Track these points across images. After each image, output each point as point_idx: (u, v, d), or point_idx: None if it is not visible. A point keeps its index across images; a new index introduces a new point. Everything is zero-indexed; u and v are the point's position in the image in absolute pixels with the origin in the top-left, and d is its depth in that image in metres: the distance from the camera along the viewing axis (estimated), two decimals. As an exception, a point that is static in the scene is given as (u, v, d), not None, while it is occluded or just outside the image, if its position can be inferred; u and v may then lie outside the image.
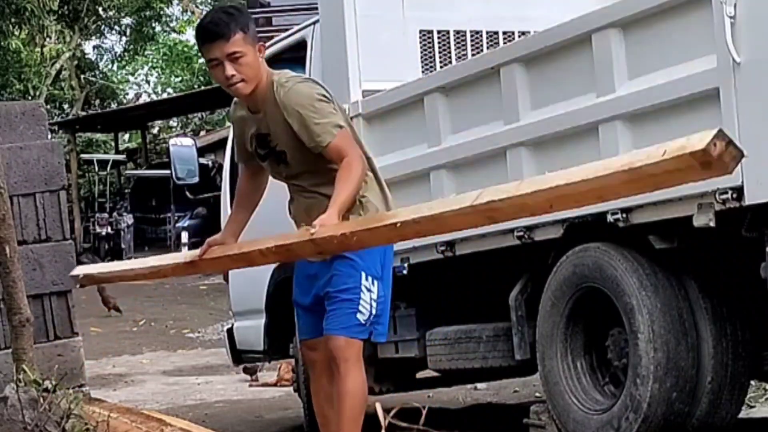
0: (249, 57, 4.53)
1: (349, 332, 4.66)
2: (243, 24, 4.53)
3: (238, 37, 4.49)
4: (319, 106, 4.50)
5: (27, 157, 6.79)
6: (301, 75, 4.70)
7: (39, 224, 6.77)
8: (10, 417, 4.93)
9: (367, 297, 4.69)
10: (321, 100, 4.52)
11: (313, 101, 4.50)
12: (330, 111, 4.51)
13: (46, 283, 6.76)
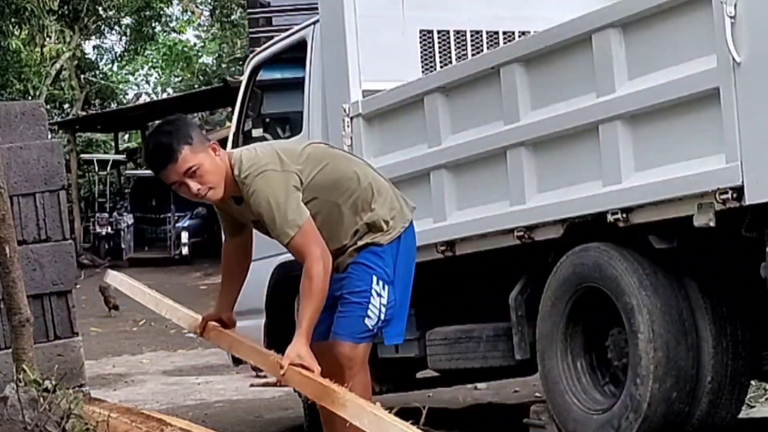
0: (206, 164, 4.52)
1: (355, 338, 4.68)
2: (185, 137, 4.51)
3: (186, 153, 4.47)
4: (276, 206, 4.49)
5: (27, 157, 6.79)
6: (257, 157, 4.60)
7: (39, 224, 6.77)
8: (10, 417, 4.93)
9: (377, 302, 4.70)
10: (278, 198, 4.50)
11: (271, 202, 4.50)
12: (287, 209, 4.49)
13: (46, 283, 6.76)
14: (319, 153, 4.76)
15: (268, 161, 4.55)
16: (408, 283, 4.87)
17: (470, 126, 6.07)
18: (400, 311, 4.82)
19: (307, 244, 4.50)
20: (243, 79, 8.62)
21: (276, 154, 4.59)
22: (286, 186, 4.52)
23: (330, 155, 4.79)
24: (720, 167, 4.67)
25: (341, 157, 4.89)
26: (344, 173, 4.72)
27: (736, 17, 4.55)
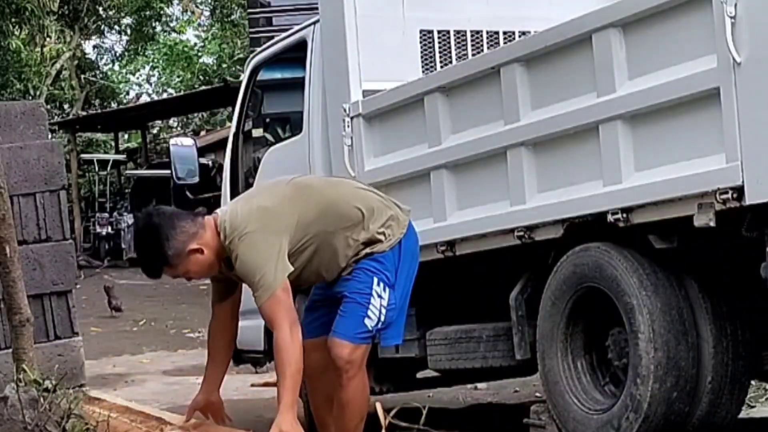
0: (192, 265, 4.70)
1: (355, 339, 4.68)
2: (162, 258, 4.64)
3: (169, 270, 4.69)
4: (255, 268, 4.59)
5: (27, 157, 6.79)
6: (239, 220, 4.70)
7: (39, 224, 6.78)
8: (11, 417, 4.93)
9: (377, 303, 4.72)
10: (257, 261, 4.59)
11: (250, 265, 4.60)
12: (264, 272, 4.57)
13: (46, 283, 6.76)
14: (300, 189, 4.82)
15: (248, 223, 4.63)
16: (408, 287, 4.88)
17: (470, 126, 6.06)
18: (399, 314, 4.82)
19: (277, 311, 4.59)
20: (243, 79, 8.62)
21: (258, 212, 4.66)
22: (266, 248, 4.58)
23: (312, 188, 4.89)
24: (720, 167, 4.67)
25: (323, 185, 4.99)
26: (330, 201, 4.79)
27: (736, 17, 4.55)
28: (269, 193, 4.93)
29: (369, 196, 4.87)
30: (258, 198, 4.91)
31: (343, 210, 4.75)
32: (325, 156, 7.20)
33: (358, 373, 4.74)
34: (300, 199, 4.73)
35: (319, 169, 7.28)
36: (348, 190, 4.87)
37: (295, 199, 4.73)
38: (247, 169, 8.44)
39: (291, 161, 7.61)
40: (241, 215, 4.66)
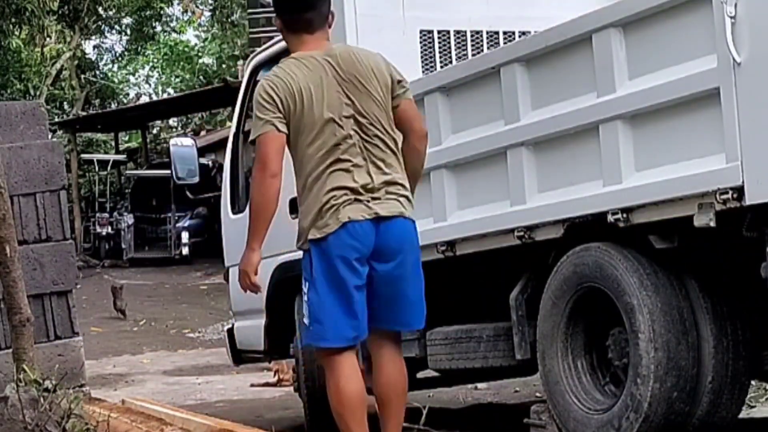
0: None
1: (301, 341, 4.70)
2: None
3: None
4: (254, 111, 4.65)
5: (27, 157, 6.80)
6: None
7: (39, 224, 6.78)
8: (11, 417, 4.93)
9: (304, 301, 4.71)
10: (256, 105, 4.65)
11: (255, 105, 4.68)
12: (257, 116, 4.61)
13: (46, 283, 6.77)
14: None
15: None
16: (322, 281, 4.62)
17: (470, 126, 6.06)
18: (321, 311, 4.63)
19: (259, 154, 4.65)
20: (243, 79, 8.62)
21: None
22: (266, 93, 4.69)
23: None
24: (720, 167, 4.67)
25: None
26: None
27: (736, 17, 4.55)
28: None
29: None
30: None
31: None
32: (325, 156, 7.19)
33: (327, 374, 4.70)
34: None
35: (319, 169, 7.27)
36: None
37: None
38: (247, 169, 8.43)
39: (291, 161, 7.60)
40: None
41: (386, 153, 4.65)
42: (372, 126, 4.63)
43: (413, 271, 4.72)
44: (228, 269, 8.63)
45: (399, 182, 4.67)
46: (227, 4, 31.57)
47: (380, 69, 4.72)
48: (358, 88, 4.66)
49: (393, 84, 4.71)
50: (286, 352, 7.84)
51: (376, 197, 4.61)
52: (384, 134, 4.64)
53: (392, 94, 4.70)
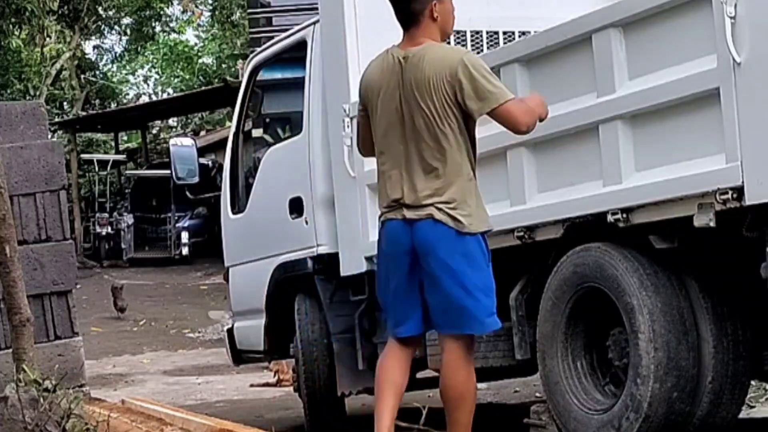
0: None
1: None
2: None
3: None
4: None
5: (27, 157, 6.80)
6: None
7: (39, 224, 6.79)
8: (11, 417, 4.93)
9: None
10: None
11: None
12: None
13: (46, 283, 6.77)
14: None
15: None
16: (382, 278, 4.86)
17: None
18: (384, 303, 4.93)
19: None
20: (243, 79, 8.62)
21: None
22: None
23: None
24: (720, 167, 4.67)
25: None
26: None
27: (736, 17, 4.55)
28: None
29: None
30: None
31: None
32: (325, 156, 7.20)
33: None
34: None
35: (319, 169, 7.28)
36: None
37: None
38: (247, 169, 8.44)
39: (291, 161, 7.62)
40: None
41: (426, 167, 4.65)
42: (415, 137, 4.66)
43: (444, 274, 4.68)
44: (228, 269, 8.64)
45: (432, 200, 4.66)
46: (227, 4, 31.57)
47: (440, 79, 4.61)
48: (412, 96, 4.65)
49: (461, 96, 4.59)
50: (286, 352, 7.84)
51: (409, 207, 4.69)
52: (427, 148, 4.64)
53: (463, 105, 4.61)
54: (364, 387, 7.21)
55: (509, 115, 4.63)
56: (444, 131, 4.61)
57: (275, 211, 7.72)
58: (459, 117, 4.62)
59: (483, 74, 4.60)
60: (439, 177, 4.63)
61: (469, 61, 4.62)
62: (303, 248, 7.42)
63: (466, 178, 4.66)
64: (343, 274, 7.00)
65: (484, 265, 4.74)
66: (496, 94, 4.58)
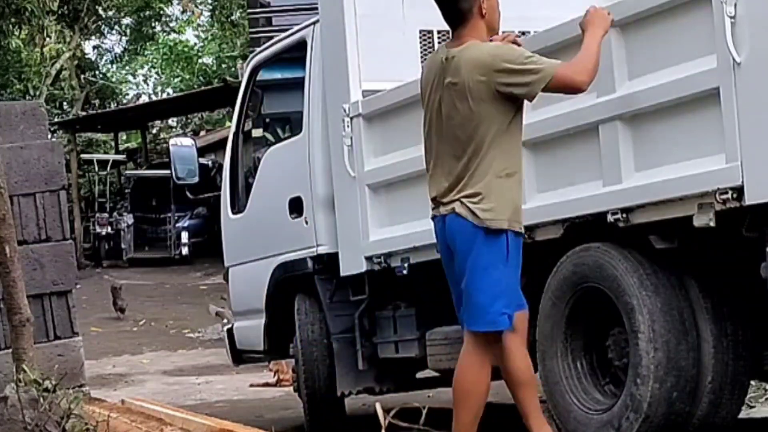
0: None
1: None
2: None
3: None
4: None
5: (27, 157, 6.80)
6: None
7: (39, 224, 6.79)
8: (11, 417, 4.93)
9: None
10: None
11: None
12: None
13: (46, 283, 6.77)
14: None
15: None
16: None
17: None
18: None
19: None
20: (243, 79, 8.62)
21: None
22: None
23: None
24: (720, 167, 4.67)
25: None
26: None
27: (736, 17, 4.55)
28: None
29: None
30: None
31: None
32: (325, 156, 7.20)
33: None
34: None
35: (319, 169, 7.28)
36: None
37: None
38: (247, 169, 8.44)
39: (291, 161, 7.62)
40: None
41: (458, 164, 4.78)
42: (450, 136, 4.80)
43: (462, 268, 4.80)
44: (228, 269, 8.64)
45: (458, 195, 4.77)
46: (227, 4, 31.57)
47: (475, 81, 4.71)
48: (449, 97, 4.79)
49: (505, 90, 4.70)
50: (286, 352, 7.84)
51: (443, 203, 4.84)
52: (460, 147, 4.77)
53: (511, 96, 4.72)
54: (364, 387, 7.22)
55: (562, 85, 4.75)
56: (478, 130, 4.72)
57: (275, 211, 7.72)
58: (500, 113, 4.73)
59: (518, 61, 4.71)
60: (468, 173, 4.74)
61: (500, 56, 4.72)
62: (303, 248, 7.42)
63: (496, 175, 4.73)
64: (343, 274, 7.00)
65: (501, 262, 4.75)
66: (538, 74, 4.69)
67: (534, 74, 4.68)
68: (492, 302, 4.74)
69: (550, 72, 4.68)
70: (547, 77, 4.67)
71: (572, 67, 4.75)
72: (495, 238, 4.72)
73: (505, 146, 4.75)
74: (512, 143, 4.80)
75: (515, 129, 4.81)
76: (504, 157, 4.75)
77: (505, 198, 4.73)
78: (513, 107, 4.77)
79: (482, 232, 4.71)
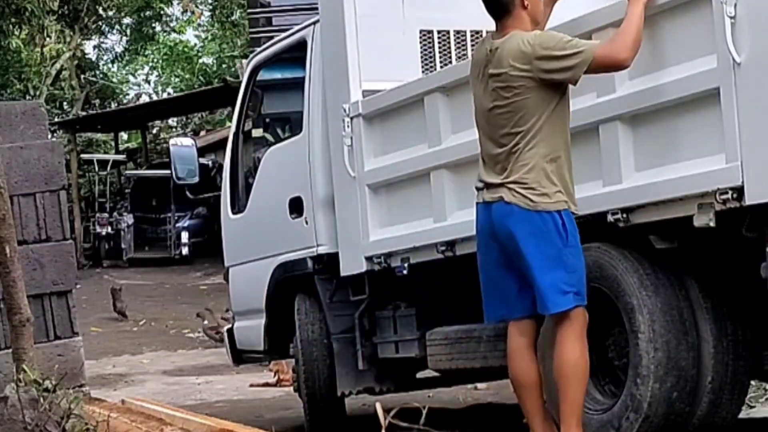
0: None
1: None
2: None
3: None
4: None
5: (27, 157, 6.80)
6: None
7: (39, 224, 6.79)
8: (11, 417, 4.93)
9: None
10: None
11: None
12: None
13: (46, 283, 6.77)
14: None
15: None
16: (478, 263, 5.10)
17: (470, 126, 6.02)
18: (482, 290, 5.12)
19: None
20: (243, 79, 8.62)
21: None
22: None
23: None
24: (720, 167, 4.67)
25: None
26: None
27: (736, 17, 4.55)
28: None
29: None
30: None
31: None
32: (325, 156, 7.20)
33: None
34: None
35: (319, 169, 7.28)
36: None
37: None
38: (247, 169, 8.44)
39: (291, 161, 7.62)
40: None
41: (503, 151, 4.87)
42: (495, 124, 4.89)
43: (519, 254, 4.88)
44: (228, 269, 8.64)
45: (504, 181, 4.86)
46: (227, 4, 31.57)
47: (516, 72, 4.80)
48: (493, 88, 4.88)
49: (547, 77, 4.80)
50: (286, 352, 7.84)
51: (488, 189, 4.95)
52: (506, 135, 4.86)
53: (554, 82, 4.82)
54: (364, 387, 7.22)
55: (604, 64, 4.82)
56: (525, 120, 4.81)
57: (275, 211, 7.72)
58: (545, 100, 4.81)
59: (558, 47, 4.79)
60: (516, 161, 4.83)
61: (539, 44, 4.81)
62: (303, 248, 7.42)
63: (544, 160, 4.82)
64: (343, 274, 7.00)
65: (560, 243, 4.85)
66: (579, 57, 4.76)
67: (575, 58, 4.76)
68: (562, 282, 4.85)
69: (591, 53, 4.75)
70: (588, 59, 4.75)
71: (613, 45, 4.79)
72: (553, 220, 4.83)
73: (551, 131, 4.85)
74: (559, 127, 4.89)
75: (561, 112, 4.90)
76: (551, 141, 4.85)
77: (556, 181, 4.84)
78: (557, 92, 4.86)
79: (538, 216, 4.81)
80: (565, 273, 4.84)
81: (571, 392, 4.88)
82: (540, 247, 4.83)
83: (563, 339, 4.90)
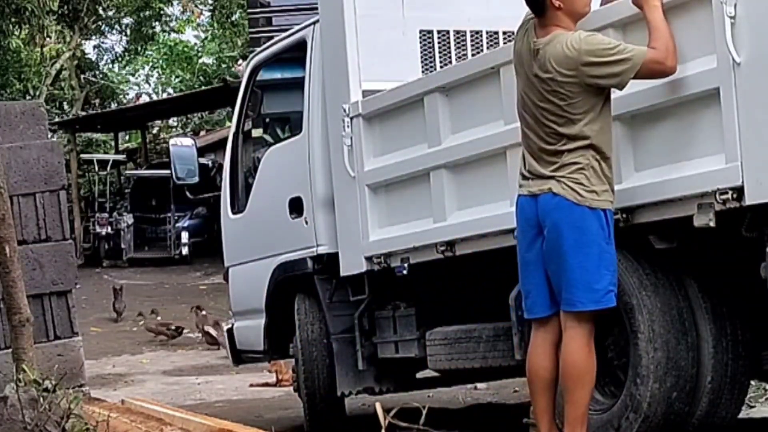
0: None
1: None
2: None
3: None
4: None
5: (27, 157, 6.80)
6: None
7: (39, 224, 6.79)
8: (10, 417, 4.93)
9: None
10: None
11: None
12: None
13: (46, 283, 6.77)
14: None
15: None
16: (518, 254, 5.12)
17: (470, 126, 6.06)
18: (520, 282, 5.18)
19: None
20: (243, 79, 8.62)
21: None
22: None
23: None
24: (720, 167, 4.67)
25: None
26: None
27: (736, 17, 4.55)
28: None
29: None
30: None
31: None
32: (325, 156, 7.20)
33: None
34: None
35: (319, 169, 7.28)
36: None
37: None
38: (247, 169, 8.44)
39: (291, 161, 7.62)
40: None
41: (550, 147, 4.90)
42: (541, 121, 4.92)
43: (556, 247, 4.89)
44: (228, 269, 8.64)
45: (554, 174, 4.90)
46: (227, 4, 31.56)
47: (563, 76, 4.82)
48: (538, 88, 4.91)
49: (594, 82, 4.82)
50: (285, 352, 7.84)
51: (535, 180, 4.99)
52: (552, 133, 4.89)
53: (602, 87, 4.85)
54: (363, 387, 7.22)
55: (652, 72, 4.81)
56: (572, 122, 4.85)
57: (275, 211, 7.72)
58: (590, 103, 4.84)
59: (603, 54, 4.80)
60: (564, 155, 4.85)
61: (584, 50, 4.82)
62: (303, 248, 7.42)
63: (592, 158, 4.86)
64: (342, 274, 7.00)
65: (598, 241, 4.86)
66: (627, 64, 4.78)
67: (622, 64, 4.78)
68: (599, 279, 4.85)
69: (640, 60, 4.76)
70: (637, 66, 4.77)
71: (660, 53, 4.78)
72: (597, 217, 4.85)
73: (600, 131, 4.88)
74: (606, 126, 4.92)
75: (608, 112, 4.93)
76: (599, 141, 4.88)
77: (600, 179, 4.87)
78: (603, 94, 4.89)
79: (585, 210, 4.83)
80: (604, 271, 4.86)
81: (577, 395, 4.87)
82: (580, 242, 4.84)
83: (572, 340, 4.89)
